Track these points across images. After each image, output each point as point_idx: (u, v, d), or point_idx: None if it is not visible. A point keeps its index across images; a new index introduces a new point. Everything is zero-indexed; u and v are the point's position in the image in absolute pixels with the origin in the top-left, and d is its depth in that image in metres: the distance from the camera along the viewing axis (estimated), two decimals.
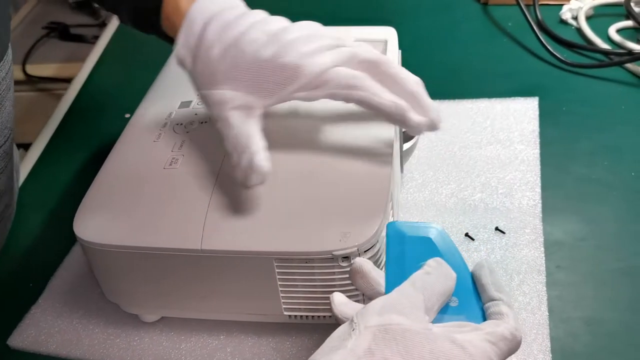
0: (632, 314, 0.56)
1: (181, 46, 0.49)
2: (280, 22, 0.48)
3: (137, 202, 0.51)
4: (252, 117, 0.47)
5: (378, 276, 0.43)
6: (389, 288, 0.41)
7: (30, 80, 1.39)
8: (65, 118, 0.89)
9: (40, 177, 0.80)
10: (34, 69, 1.38)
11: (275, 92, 0.46)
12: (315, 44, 0.46)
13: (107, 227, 0.50)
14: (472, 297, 0.42)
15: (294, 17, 0.50)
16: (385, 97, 0.46)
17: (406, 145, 0.65)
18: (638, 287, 0.58)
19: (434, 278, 0.40)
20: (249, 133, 0.46)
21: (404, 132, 0.65)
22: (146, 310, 0.57)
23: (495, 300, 0.40)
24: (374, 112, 0.47)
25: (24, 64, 1.37)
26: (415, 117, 0.46)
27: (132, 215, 0.50)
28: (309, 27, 0.48)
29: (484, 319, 0.41)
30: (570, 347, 0.53)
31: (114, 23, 1.12)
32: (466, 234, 0.63)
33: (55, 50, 1.42)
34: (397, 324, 0.36)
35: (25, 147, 0.88)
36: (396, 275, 0.42)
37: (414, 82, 0.48)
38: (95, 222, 0.50)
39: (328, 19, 0.52)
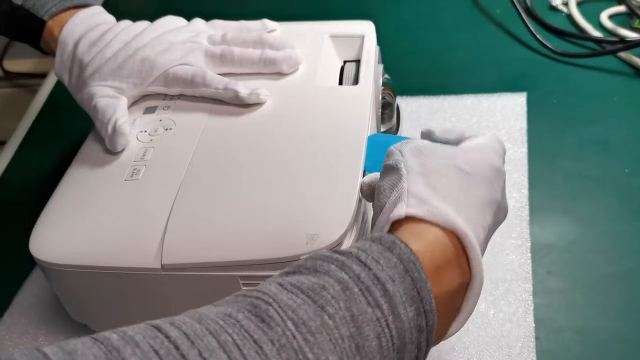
0: (626, 323, 0.53)
1: (58, 66, 0.58)
2: (137, 28, 0.58)
3: (95, 218, 0.48)
4: (117, 102, 0.55)
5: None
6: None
7: (8, 76, 1.36)
8: (40, 114, 0.86)
9: (13, 178, 0.76)
10: (12, 65, 1.35)
11: (135, 86, 0.56)
12: (162, 46, 0.56)
13: (63, 246, 0.47)
14: None
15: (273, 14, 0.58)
16: (220, 86, 0.55)
17: None
18: (632, 293, 0.55)
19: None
20: (114, 110, 0.54)
21: (385, 131, 0.62)
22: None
23: (463, 137, 0.44)
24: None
25: (1, 59, 1.34)
26: (243, 91, 0.54)
27: (90, 232, 0.47)
28: (162, 28, 0.58)
29: None
30: None
31: None
32: None
33: None
34: (425, 143, 0.42)
35: (2, 144, 0.85)
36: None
37: (255, 57, 0.57)
38: (51, 241, 0.47)
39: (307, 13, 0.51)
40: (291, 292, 0.31)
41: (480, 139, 0.43)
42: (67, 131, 0.80)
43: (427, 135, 0.47)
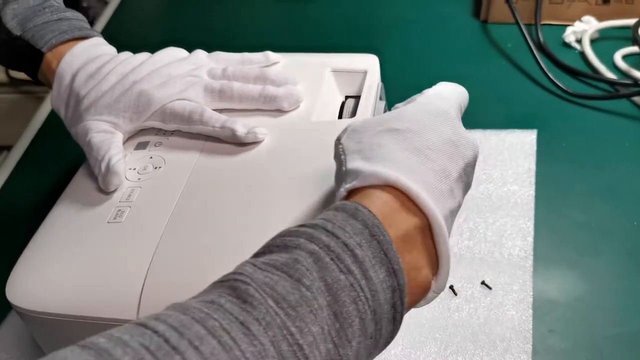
0: None
1: (54, 98, 0.57)
2: (136, 60, 0.56)
3: (74, 264, 0.45)
4: (112, 139, 0.53)
5: None
6: None
7: (13, 83, 1.36)
8: (46, 123, 0.85)
9: (17, 187, 0.76)
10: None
11: (132, 121, 0.54)
12: (160, 80, 0.54)
13: (39, 293, 0.44)
14: None
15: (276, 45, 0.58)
16: (217, 124, 0.53)
17: None
18: (638, 358, 0.53)
19: None
20: (109, 147, 0.52)
21: None
22: None
23: None
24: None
25: None
26: (240, 130, 0.52)
27: (67, 280, 0.45)
28: (162, 61, 0.56)
29: None
30: None
31: (98, 26, 1.06)
32: (450, 287, 0.58)
33: None
34: (359, 122, 0.42)
35: (6, 149, 0.84)
36: None
37: (255, 94, 0.55)
38: (28, 287, 0.45)
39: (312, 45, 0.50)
40: (266, 270, 0.31)
41: (426, 92, 0.44)
42: (66, 153, 0.78)
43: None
